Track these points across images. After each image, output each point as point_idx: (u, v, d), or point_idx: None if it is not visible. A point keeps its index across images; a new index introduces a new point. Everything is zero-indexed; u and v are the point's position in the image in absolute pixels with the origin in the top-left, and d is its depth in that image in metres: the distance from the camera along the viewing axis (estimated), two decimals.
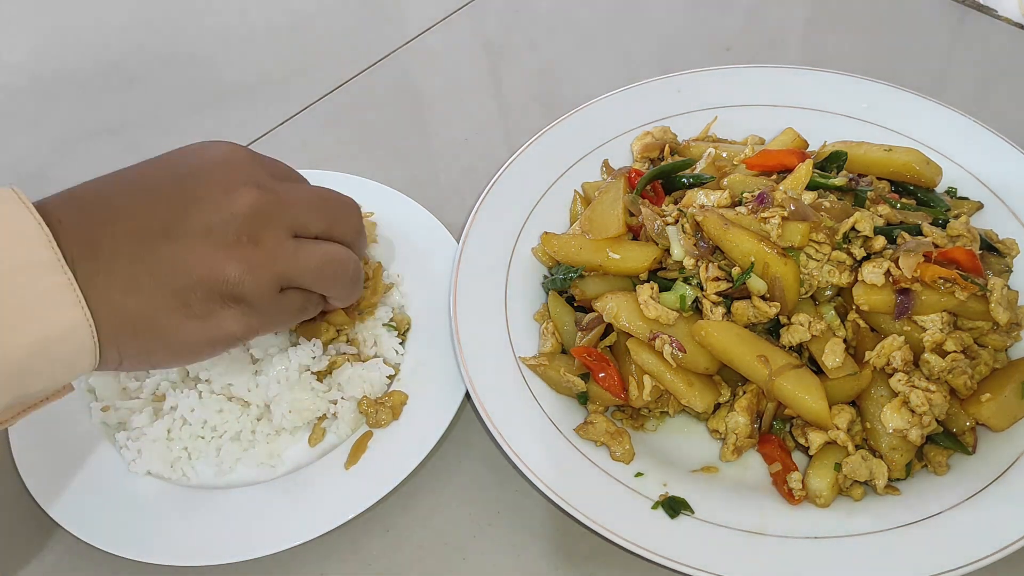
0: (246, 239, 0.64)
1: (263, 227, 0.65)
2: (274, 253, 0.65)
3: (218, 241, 0.63)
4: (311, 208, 0.69)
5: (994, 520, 0.74)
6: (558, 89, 1.25)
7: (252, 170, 0.67)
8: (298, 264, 0.67)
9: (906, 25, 1.29)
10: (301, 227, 0.68)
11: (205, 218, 0.63)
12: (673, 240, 0.87)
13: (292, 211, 0.67)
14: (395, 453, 0.83)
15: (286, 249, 0.66)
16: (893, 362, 0.79)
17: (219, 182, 0.65)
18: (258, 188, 0.65)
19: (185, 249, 0.62)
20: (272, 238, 0.65)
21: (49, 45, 1.43)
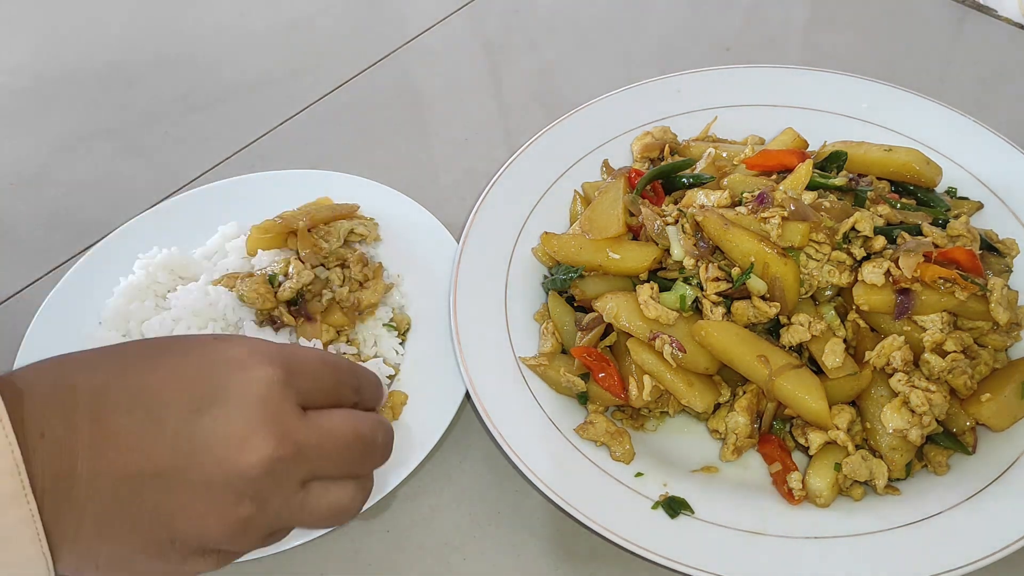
0: (248, 500, 0.56)
1: (272, 488, 0.57)
2: (277, 514, 0.58)
3: (217, 500, 0.55)
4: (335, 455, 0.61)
5: (994, 520, 0.74)
6: (558, 89, 1.25)
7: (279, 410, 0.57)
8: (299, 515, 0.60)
9: (906, 25, 1.29)
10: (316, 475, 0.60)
11: (208, 471, 0.55)
12: (673, 240, 0.87)
13: (311, 461, 0.59)
14: (395, 453, 0.82)
15: (291, 506, 0.58)
16: (893, 362, 0.79)
17: (235, 428, 0.55)
18: (279, 440, 0.56)
19: (177, 503, 0.55)
20: (279, 498, 0.57)
21: (49, 45, 1.43)
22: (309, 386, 0.60)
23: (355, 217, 1.00)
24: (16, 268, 1.09)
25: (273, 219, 0.96)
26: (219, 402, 0.56)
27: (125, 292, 0.94)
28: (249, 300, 0.88)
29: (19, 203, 1.18)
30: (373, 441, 0.63)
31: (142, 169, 1.20)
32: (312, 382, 0.61)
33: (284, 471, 0.57)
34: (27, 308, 1.00)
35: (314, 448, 0.58)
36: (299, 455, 0.57)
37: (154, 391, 0.55)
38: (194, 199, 1.07)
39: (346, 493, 0.62)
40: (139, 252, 0.98)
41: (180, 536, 0.55)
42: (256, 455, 0.55)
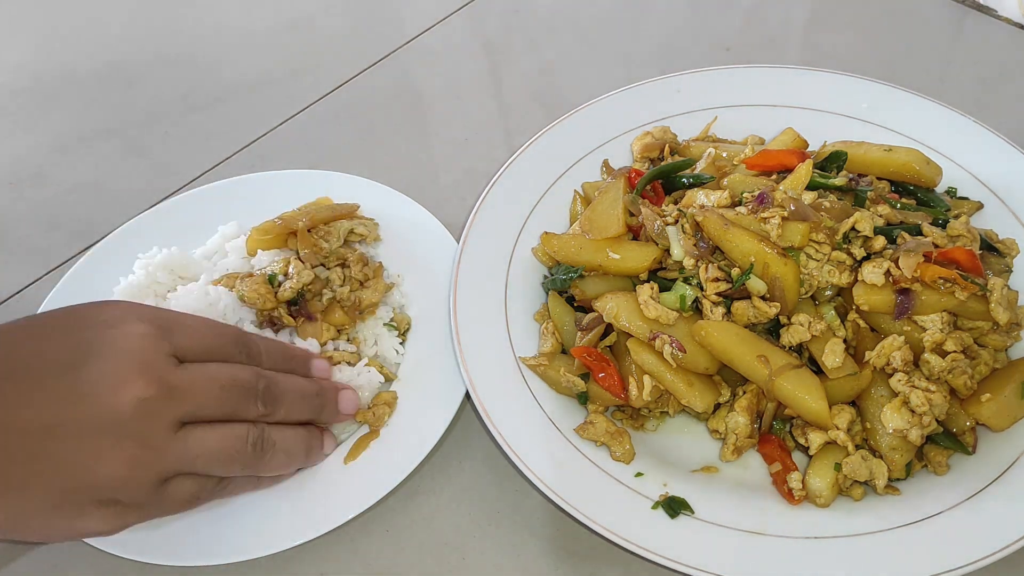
0: (130, 440, 0.60)
1: (150, 424, 0.61)
2: (159, 450, 0.62)
3: (100, 442, 0.59)
4: (209, 395, 0.65)
5: (994, 520, 0.74)
6: (558, 89, 1.25)
7: (150, 356, 0.63)
8: (185, 455, 0.63)
9: (906, 25, 1.29)
10: (194, 415, 0.64)
11: (90, 416, 0.59)
12: (673, 240, 0.87)
13: (185, 401, 0.63)
14: (395, 453, 0.83)
15: (172, 442, 0.62)
16: (893, 362, 0.79)
17: (109, 375, 0.61)
18: (150, 381, 0.61)
19: (65, 451, 0.58)
20: (159, 434, 0.62)
21: (49, 45, 1.43)
22: (186, 342, 0.66)
23: (355, 217, 1.00)
24: (16, 268, 1.09)
25: (273, 220, 0.96)
26: (94, 356, 0.61)
27: (125, 292, 0.94)
28: (249, 300, 0.88)
29: (19, 203, 1.18)
30: (252, 386, 0.68)
31: (142, 169, 1.20)
32: (189, 338, 0.67)
33: (157, 410, 0.61)
34: (27, 308, 1.00)
35: (187, 390, 0.63)
36: (171, 395, 0.62)
37: (34, 355, 0.61)
38: (194, 199, 1.07)
39: (231, 431, 0.66)
40: (139, 252, 0.98)
41: (71, 485, 0.58)
42: (128, 395, 0.60)
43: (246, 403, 0.68)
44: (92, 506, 0.60)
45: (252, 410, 0.68)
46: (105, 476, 0.60)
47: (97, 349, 0.62)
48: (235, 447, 0.67)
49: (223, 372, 0.67)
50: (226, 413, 0.66)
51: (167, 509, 0.66)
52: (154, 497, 0.63)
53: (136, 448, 0.61)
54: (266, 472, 0.73)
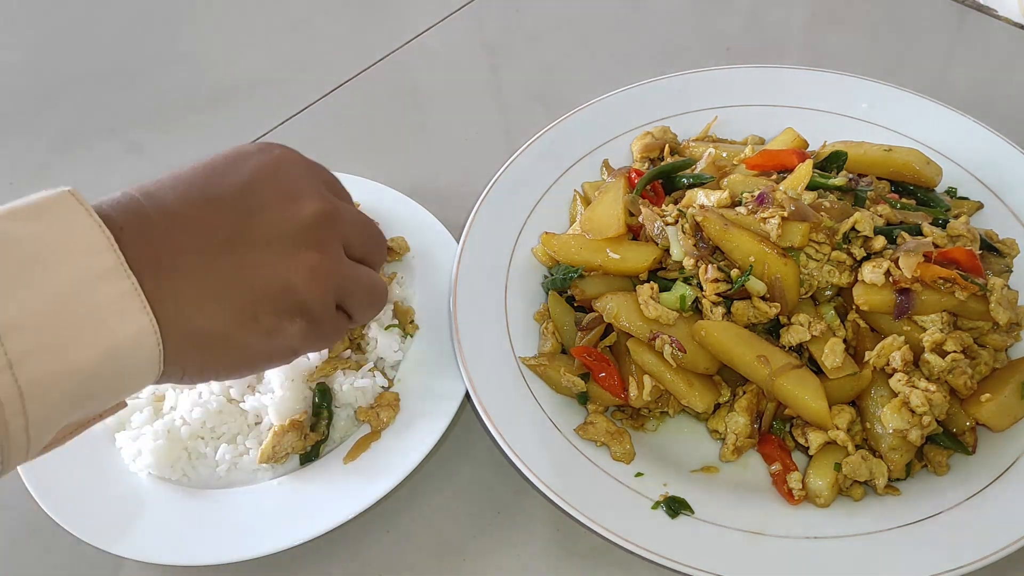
0: (311, 244, 0.62)
1: (325, 237, 0.64)
2: (336, 263, 0.64)
3: (283, 251, 0.61)
4: (358, 231, 0.68)
5: (994, 520, 0.74)
6: (558, 89, 1.25)
7: (311, 179, 0.66)
8: (354, 281, 0.66)
9: (906, 25, 1.29)
10: (350, 246, 0.67)
11: (269, 228, 0.61)
12: (673, 240, 0.87)
13: (346, 228, 0.66)
14: (395, 453, 0.83)
15: (343, 262, 0.65)
16: (893, 362, 0.79)
17: (282, 190, 0.63)
18: (321, 197, 0.65)
19: (251, 262, 0.60)
20: (333, 246, 0.64)
21: (49, 44, 1.43)
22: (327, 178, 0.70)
23: None
24: None
25: None
26: (260, 177, 0.63)
27: None
28: None
29: None
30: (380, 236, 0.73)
31: (142, 169, 1.20)
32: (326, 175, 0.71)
33: (330, 224, 0.64)
34: None
35: (346, 219, 0.67)
36: (338, 214, 0.65)
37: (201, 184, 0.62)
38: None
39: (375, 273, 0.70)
40: None
41: (262, 293, 0.60)
42: (306, 208, 0.63)
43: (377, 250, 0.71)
44: (286, 318, 0.61)
45: (378, 258, 0.71)
46: (292, 282, 0.61)
47: (261, 171, 0.63)
48: (379, 287, 0.69)
49: (362, 216, 0.71)
50: (366, 253, 0.69)
51: (333, 338, 0.68)
52: (331, 317, 0.65)
53: (317, 255, 0.62)
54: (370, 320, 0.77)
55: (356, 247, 0.68)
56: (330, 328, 0.66)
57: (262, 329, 0.60)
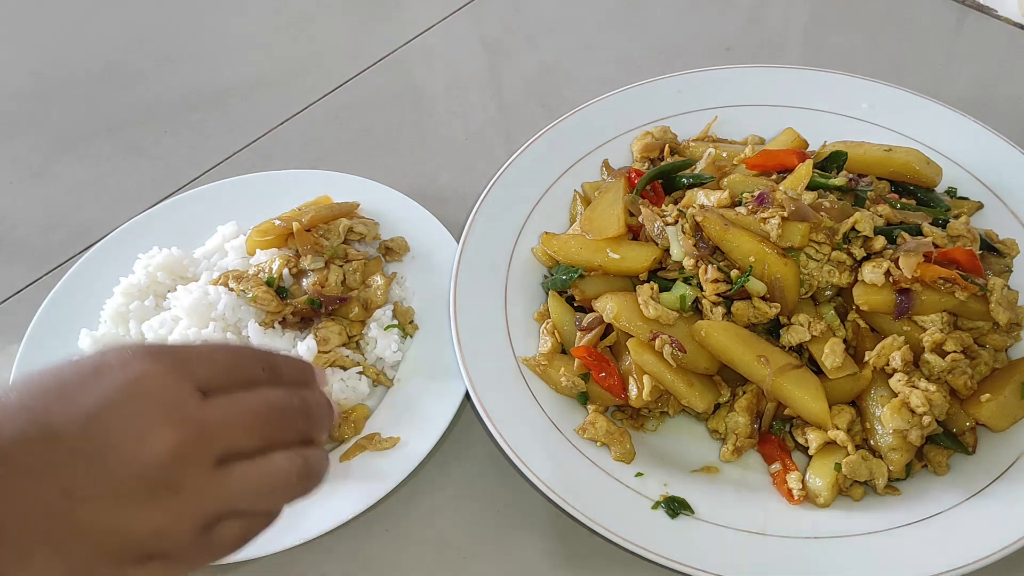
0: (163, 489, 0.55)
1: (183, 470, 0.56)
2: (198, 496, 0.56)
3: (128, 500, 0.54)
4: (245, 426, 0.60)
5: (994, 520, 0.74)
6: (558, 89, 1.25)
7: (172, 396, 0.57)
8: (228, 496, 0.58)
9: (906, 25, 1.29)
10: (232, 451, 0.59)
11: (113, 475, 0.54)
12: (673, 240, 0.87)
13: (220, 438, 0.58)
14: (395, 453, 0.83)
15: (212, 485, 0.57)
16: (893, 362, 0.79)
17: (131, 424, 0.55)
18: (177, 425, 0.56)
19: (90, 515, 0.53)
20: (194, 478, 0.56)
21: (49, 45, 1.43)
22: (205, 372, 0.60)
23: (354, 216, 1.00)
24: (16, 268, 1.09)
25: (272, 220, 0.96)
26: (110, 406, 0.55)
27: (125, 292, 0.94)
28: (263, 301, 0.88)
29: (19, 203, 1.18)
30: (288, 407, 0.62)
31: (142, 169, 1.20)
32: (208, 367, 0.60)
33: (191, 454, 0.56)
34: (27, 308, 1.00)
35: (220, 425, 0.58)
36: (203, 435, 0.57)
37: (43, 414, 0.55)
38: (194, 199, 1.07)
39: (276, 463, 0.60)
40: (139, 252, 0.98)
41: (103, 549, 0.54)
42: (156, 444, 0.54)
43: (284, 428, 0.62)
44: (133, 565, 0.55)
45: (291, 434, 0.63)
46: (142, 533, 0.54)
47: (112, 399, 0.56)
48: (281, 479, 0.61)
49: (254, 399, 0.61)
50: (265, 442, 0.61)
51: (218, 554, 0.61)
52: (201, 545, 0.58)
53: (172, 499, 0.55)
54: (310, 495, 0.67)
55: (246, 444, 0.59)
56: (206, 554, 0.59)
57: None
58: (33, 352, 0.93)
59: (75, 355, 0.62)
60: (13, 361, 0.92)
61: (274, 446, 0.61)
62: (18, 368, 0.92)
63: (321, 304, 0.90)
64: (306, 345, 0.88)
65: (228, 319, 0.89)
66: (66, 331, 0.94)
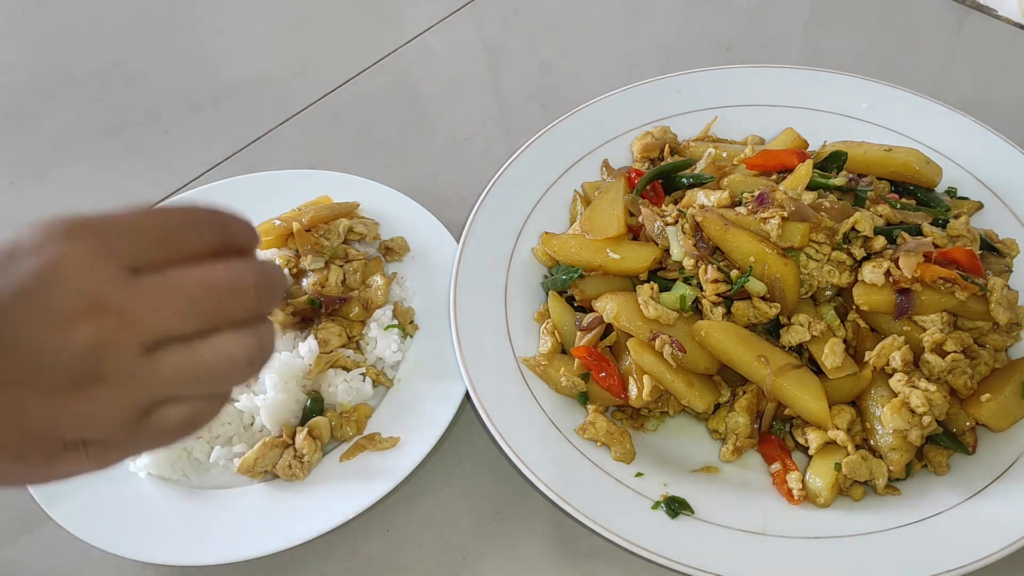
0: (84, 379, 0.51)
1: (106, 358, 0.52)
2: (124, 384, 0.52)
3: (50, 388, 0.51)
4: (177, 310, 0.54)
5: (994, 520, 0.74)
6: (558, 89, 1.25)
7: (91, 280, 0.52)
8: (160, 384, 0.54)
9: (906, 25, 1.29)
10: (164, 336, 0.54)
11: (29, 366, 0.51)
12: (673, 240, 0.87)
13: (147, 324, 0.53)
14: (395, 453, 0.83)
15: (140, 373, 0.53)
16: (893, 362, 0.79)
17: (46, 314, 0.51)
18: (96, 312, 0.52)
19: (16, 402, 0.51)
20: (119, 366, 0.52)
21: (49, 44, 1.43)
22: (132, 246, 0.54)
23: (354, 216, 1.00)
24: None
25: (272, 220, 0.96)
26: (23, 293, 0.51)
27: None
28: None
29: (19, 203, 1.18)
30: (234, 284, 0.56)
31: (142, 169, 1.20)
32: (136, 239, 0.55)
33: (112, 340, 0.52)
34: None
35: (146, 310, 0.53)
36: (126, 321, 0.52)
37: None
38: (194, 199, 1.06)
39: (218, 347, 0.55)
40: None
41: (34, 434, 0.51)
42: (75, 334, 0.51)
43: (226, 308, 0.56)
44: (63, 450, 0.53)
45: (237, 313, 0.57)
46: (67, 421, 0.51)
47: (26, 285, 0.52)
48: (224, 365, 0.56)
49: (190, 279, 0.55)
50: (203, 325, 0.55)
51: (159, 440, 0.57)
52: (137, 431, 0.54)
53: (96, 388, 0.52)
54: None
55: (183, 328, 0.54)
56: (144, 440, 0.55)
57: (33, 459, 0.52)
58: None
59: None
60: None
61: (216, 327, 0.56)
62: None
63: (321, 304, 0.90)
64: (307, 346, 0.88)
65: None
66: None
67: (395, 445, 0.83)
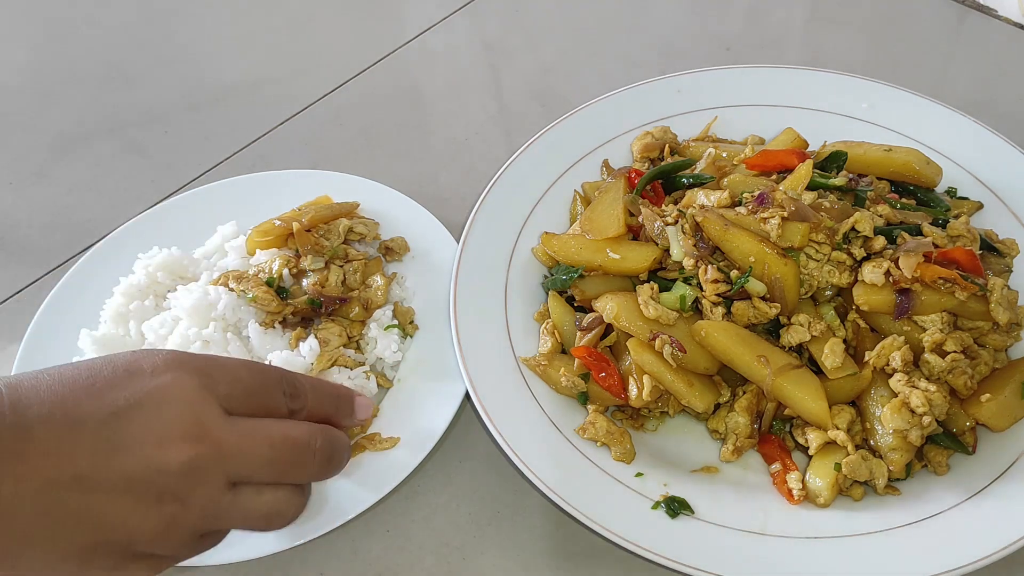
0: (170, 498, 0.56)
1: (194, 485, 0.57)
2: (202, 511, 0.57)
3: (138, 499, 0.55)
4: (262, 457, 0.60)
5: (994, 520, 0.74)
6: (558, 89, 1.25)
7: (197, 411, 0.58)
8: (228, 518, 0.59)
9: (906, 25, 1.29)
10: (244, 478, 0.60)
11: (128, 471, 0.55)
12: (673, 241, 0.87)
13: (235, 462, 0.59)
14: (395, 453, 0.83)
15: (219, 506, 0.58)
16: (893, 362, 0.79)
17: (153, 429, 0.56)
18: (197, 441, 0.57)
19: (99, 505, 0.54)
20: (203, 496, 0.57)
21: (49, 44, 1.43)
22: (230, 390, 0.60)
23: (354, 216, 1.00)
24: (16, 268, 1.09)
25: (272, 220, 0.96)
26: (136, 406, 0.56)
27: (125, 292, 0.94)
28: (263, 302, 0.88)
29: (19, 203, 1.18)
30: (308, 446, 0.62)
31: (142, 169, 1.20)
32: (232, 385, 0.61)
33: (205, 469, 0.57)
34: (27, 308, 1.00)
35: (238, 449, 0.59)
36: (220, 454, 0.58)
37: (72, 401, 0.56)
38: (194, 199, 1.07)
39: (281, 497, 0.61)
40: (139, 252, 0.98)
41: (104, 540, 0.55)
42: (175, 452, 0.56)
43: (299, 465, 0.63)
44: (126, 560, 0.56)
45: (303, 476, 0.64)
46: (141, 533, 0.55)
47: (140, 400, 0.57)
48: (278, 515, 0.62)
49: (275, 430, 0.62)
50: (277, 475, 0.61)
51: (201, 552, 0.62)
52: (193, 549, 0.59)
53: (178, 507, 0.56)
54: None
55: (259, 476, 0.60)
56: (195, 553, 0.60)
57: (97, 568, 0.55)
58: (33, 352, 0.93)
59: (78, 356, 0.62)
60: (13, 361, 0.92)
61: (283, 480, 0.62)
62: (18, 368, 0.91)
63: (321, 304, 0.90)
64: (308, 346, 0.88)
65: (228, 319, 0.89)
66: (66, 331, 0.94)
67: (395, 445, 0.83)
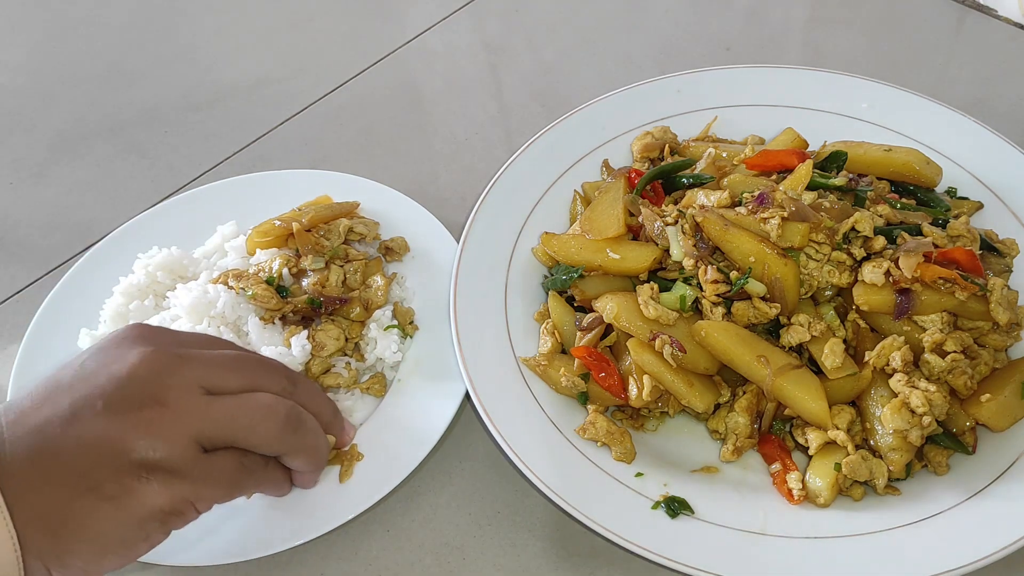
0: (148, 400, 0.60)
1: (165, 385, 0.61)
2: (183, 409, 0.61)
3: (116, 410, 0.59)
4: (225, 366, 0.65)
5: (994, 520, 0.74)
6: (558, 89, 1.25)
7: (149, 337, 0.65)
8: (213, 417, 0.62)
9: (906, 25, 1.29)
10: (215, 384, 0.64)
11: (102, 388, 0.60)
12: (673, 241, 0.87)
13: (200, 368, 0.63)
14: (395, 453, 0.83)
15: (197, 404, 0.62)
16: (893, 362, 0.79)
17: (111, 353, 0.63)
18: (151, 348, 0.62)
19: (85, 428, 0.59)
20: (178, 395, 0.61)
21: (49, 44, 1.43)
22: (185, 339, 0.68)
23: (354, 216, 1.00)
24: (16, 268, 1.09)
25: (272, 220, 0.96)
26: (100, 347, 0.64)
27: (125, 292, 0.94)
28: (262, 299, 0.88)
29: (19, 203, 1.18)
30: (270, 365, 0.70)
31: (142, 169, 1.20)
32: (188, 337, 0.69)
33: (169, 370, 0.62)
34: (27, 308, 1.00)
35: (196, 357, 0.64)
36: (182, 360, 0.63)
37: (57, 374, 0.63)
38: (194, 199, 1.07)
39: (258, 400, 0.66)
40: (139, 252, 0.98)
41: (100, 457, 0.58)
42: (131, 359, 0.62)
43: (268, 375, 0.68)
44: (132, 478, 0.59)
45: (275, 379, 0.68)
46: (128, 440, 0.59)
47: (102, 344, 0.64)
48: (265, 413, 0.65)
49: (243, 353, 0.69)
50: (247, 380, 0.66)
51: (220, 483, 0.64)
52: (197, 464, 0.62)
53: (156, 409, 0.60)
54: (301, 452, 0.71)
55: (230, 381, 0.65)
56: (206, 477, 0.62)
57: (107, 494, 0.58)
58: (33, 352, 0.93)
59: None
60: (13, 361, 0.92)
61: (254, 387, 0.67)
62: (18, 368, 0.91)
63: (322, 304, 0.90)
64: (299, 343, 0.87)
65: (227, 317, 0.89)
66: (66, 331, 0.94)
67: (394, 445, 0.83)
